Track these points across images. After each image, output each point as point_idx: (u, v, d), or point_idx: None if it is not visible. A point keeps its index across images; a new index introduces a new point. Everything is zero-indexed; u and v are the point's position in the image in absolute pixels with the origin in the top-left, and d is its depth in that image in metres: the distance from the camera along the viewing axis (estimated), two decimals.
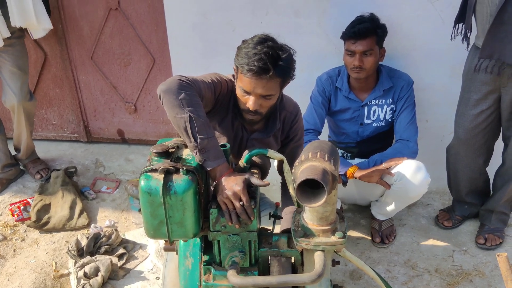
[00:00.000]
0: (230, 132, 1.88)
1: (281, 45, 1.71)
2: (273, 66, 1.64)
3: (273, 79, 1.67)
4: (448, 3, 2.47)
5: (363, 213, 2.86)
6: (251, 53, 1.65)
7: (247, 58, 1.65)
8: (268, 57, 1.63)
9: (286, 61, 1.68)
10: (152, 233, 1.52)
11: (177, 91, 1.56)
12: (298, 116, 2.00)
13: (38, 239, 2.78)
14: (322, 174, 1.25)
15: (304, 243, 1.48)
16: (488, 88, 2.28)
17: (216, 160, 1.57)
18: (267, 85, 1.67)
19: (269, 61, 1.63)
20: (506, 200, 2.57)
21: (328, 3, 2.62)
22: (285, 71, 1.70)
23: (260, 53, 1.63)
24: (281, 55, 1.67)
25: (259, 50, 1.64)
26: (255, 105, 1.71)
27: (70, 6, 3.16)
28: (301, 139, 2.04)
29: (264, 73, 1.64)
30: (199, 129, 1.54)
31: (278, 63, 1.65)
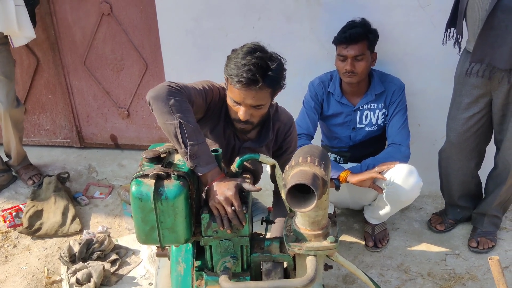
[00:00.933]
0: (222, 140, 1.88)
1: (270, 55, 1.70)
2: (262, 77, 1.63)
3: (263, 89, 1.66)
4: (439, 8, 2.49)
5: (356, 217, 2.87)
6: (240, 63, 1.64)
7: (236, 69, 1.64)
8: (257, 68, 1.62)
9: (275, 71, 1.67)
10: (143, 239, 1.52)
11: (166, 97, 1.56)
12: (292, 128, 2.00)
13: (30, 246, 2.77)
14: (312, 179, 1.25)
15: (296, 248, 1.47)
16: (479, 91, 2.30)
17: (208, 165, 1.57)
18: (256, 95, 1.67)
19: (257, 72, 1.62)
20: (498, 203, 2.58)
21: (320, 8, 2.64)
22: (275, 81, 1.69)
23: (249, 64, 1.62)
24: (270, 65, 1.66)
25: (248, 61, 1.63)
26: (245, 115, 1.71)
27: (62, 12, 3.16)
28: (294, 151, 2.01)
29: (253, 84, 1.63)
30: (189, 135, 1.54)
31: (267, 73, 1.65)
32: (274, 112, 1.94)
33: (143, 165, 1.54)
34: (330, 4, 2.61)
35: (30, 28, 2.84)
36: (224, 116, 1.86)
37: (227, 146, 1.90)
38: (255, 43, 1.72)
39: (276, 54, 1.73)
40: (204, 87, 1.77)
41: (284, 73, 1.75)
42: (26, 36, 2.85)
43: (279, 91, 1.78)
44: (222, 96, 1.84)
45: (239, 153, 1.92)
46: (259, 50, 1.68)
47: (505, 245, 2.64)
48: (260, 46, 1.71)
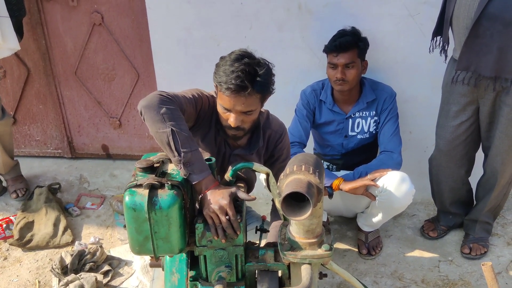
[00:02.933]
0: (213, 147, 1.89)
1: (258, 61, 1.71)
2: (250, 83, 1.65)
3: (252, 95, 1.68)
4: (428, 17, 2.52)
5: (350, 225, 2.87)
6: (228, 70, 1.66)
7: (225, 76, 1.66)
8: (245, 74, 1.64)
9: (263, 76, 1.68)
10: (137, 249, 1.51)
11: (158, 106, 1.56)
12: (284, 136, 2.01)
13: (21, 258, 2.73)
14: (307, 187, 1.25)
15: (291, 256, 1.47)
16: (467, 99, 2.33)
17: (201, 173, 1.57)
18: (246, 101, 1.69)
19: (246, 78, 1.64)
20: (489, 209, 2.60)
21: (311, 17, 2.66)
22: (264, 87, 1.71)
23: (237, 71, 1.64)
24: (259, 71, 1.67)
25: (236, 67, 1.65)
26: (236, 121, 1.72)
27: (53, 22, 3.15)
28: (287, 159, 2.03)
29: (242, 90, 1.65)
30: (182, 143, 1.54)
31: (255, 79, 1.66)
32: (265, 120, 1.95)
33: (136, 175, 1.53)
34: (321, 13, 2.64)
35: (15, 40, 2.78)
36: (214, 123, 1.87)
37: (218, 153, 1.91)
38: (243, 50, 1.74)
39: (264, 59, 1.74)
40: (194, 96, 1.78)
41: (273, 78, 1.76)
42: (10, 47, 2.80)
43: (268, 96, 1.79)
44: (212, 104, 1.85)
45: (230, 161, 1.93)
46: (246, 56, 1.70)
47: (497, 251, 2.65)
48: (247, 52, 1.73)
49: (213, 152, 1.89)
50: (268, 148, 1.99)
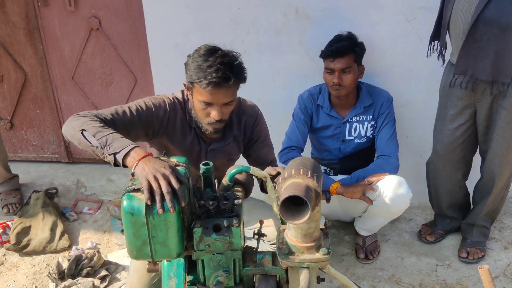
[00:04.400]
0: (184, 148, 1.90)
1: (228, 51, 1.75)
2: (232, 74, 1.69)
3: (232, 85, 1.72)
4: (424, 22, 2.54)
5: (347, 229, 2.87)
6: (204, 66, 1.68)
7: (202, 72, 1.68)
8: (224, 66, 1.67)
9: (239, 65, 1.73)
10: (135, 254, 1.50)
11: (70, 123, 1.61)
12: (259, 118, 2.04)
13: (18, 263, 2.72)
14: (305, 190, 1.25)
15: (289, 260, 1.47)
16: (464, 103, 2.34)
17: (124, 148, 1.47)
18: (228, 92, 1.73)
19: (228, 70, 1.67)
20: (486, 213, 2.61)
21: (308, 22, 2.67)
22: (241, 75, 1.75)
23: (215, 64, 1.67)
24: (234, 61, 1.71)
25: (213, 61, 1.67)
26: (219, 114, 1.75)
27: (50, 26, 3.15)
28: (266, 139, 2.08)
29: (225, 82, 1.68)
30: (94, 133, 1.53)
31: (234, 69, 1.70)
32: (237, 107, 1.97)
33: (134, 180, 1.53)
34: (318, 17, 2.65)
35: None
36: (180, 124, 1.88)
37: (190, 153, 1.92)
38: (208, 45, 1.76)
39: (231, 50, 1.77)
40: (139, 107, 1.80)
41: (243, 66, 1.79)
42: None
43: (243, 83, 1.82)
44: (173, 106, 1.87)
45: (208, 156, 1.95)
46: (217, 49, 1.73)
47: (495, 255, 2.66)
48: (215, 46, 1.76)
49: (186, 152, 1.90)
50: (246, 133, 2.02)
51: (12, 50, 3.25)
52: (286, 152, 2.56)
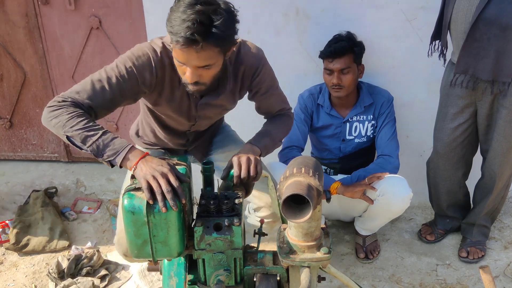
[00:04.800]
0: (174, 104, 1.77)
1: (215, 7, 1.46)
2: (203, 36, 1.44)
3: (207, 49, 1.48)
4: (425, 22, 2.54)
5: (347, 229, 2.87)
6: (179, 19, 1.44)
7: (176, 25, 1.44)
8: (196, 25, 1.42)
9: (220, 27, 1.45)
10: (136, 253, 1.50)
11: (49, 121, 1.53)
12: (261, 68, 1.81)
13: (17, 262, 2.71)
14: (307, 189, 1.25)
15: (290, 259, 1.47)
16: (464, 102, 2.34)
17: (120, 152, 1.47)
18: (200, 56, 1.49)
19: (197, 31, 1.42)
20: (486, 213, 2.61)
21: (309, 22, 2.67)
22: (221, 38, 1.48)
23: (188, 20, 1.42)
24: (214, 21, 1.45)
25: (188, 16, 1.42)
26: (192, 76, 1.55)
27: (50, 26, 3.15)
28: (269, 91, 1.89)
29: (193, 44, 1.45)
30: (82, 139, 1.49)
31: (210, 30, 1.44)
32: (236, 55, 1.74)
33: (135, 179, 1.53)
34: (319, 17, 2.65)
35: None
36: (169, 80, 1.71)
37: (180, 107, 1.80)
38: None
39: (227, 3, 1.51)
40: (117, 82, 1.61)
41: (236, 27, 1.53)
42: None
43: (232, 47, 1.59)
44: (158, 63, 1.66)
45: (198, 110, 1.82)
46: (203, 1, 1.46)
47: (495, 255, 2.66)
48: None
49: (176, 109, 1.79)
50: (244, 84, 1.83)
51: (11, 49, 3.24)
52: (287, 152, 2.56)
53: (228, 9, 1.50)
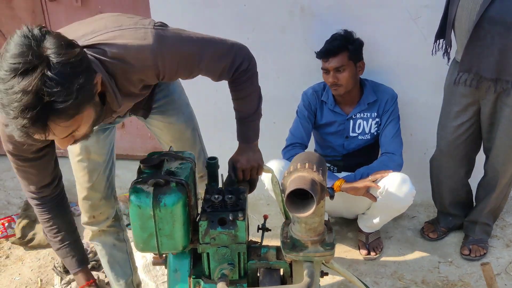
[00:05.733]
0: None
1: (40, 73, 1.05)
2: (42, 122, 1.09)
3: (57, 124, 1.12)
4: (429, 21, 2.55)
5: (350, 226, 2.89)
6: (1, 106, 1.08)
7: (2, 111, 1.09)
8: (29, 114, 1.05)
9: (62, 97, 1.08)
10: (141, 246, 1.53)
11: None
12: (159, 67, 1.37)
13: (23, 256, 2.74)
14: (311, 184, 1.27)
15: (293, 254, 1.49)
16: (468, 100, 2.35)
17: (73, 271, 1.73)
18: (52, 134, 1.15)
19: (32, 121, 1.07)
20: (489, 211, 2.62)
21: (314, 19, 2.68)
22: (70, 108, 1.11)
23: (11, 109, 1.06)
24: (48, 96, 1.06)
25: (9, 102, 1.05)
26: (64, 144, 1.26)
27: (57, 22, 3.17)
28: (194, 66, 1.50)
29: (35, 134, 1.13)
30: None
31: (48, 110, 1.07)
32: (120, 66, 1.33)
33: (141, 173, 1.55)
34: (324, 15, 2.66)
35: None
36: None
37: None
38: (26, 34, 1.09)
39: (58, 45, 1.10)
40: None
41: (81, 77, 1.12)
42: None
43: (91, 101, 1.19)
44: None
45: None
46: (20, 69, 1.05)
47: (497, 253, 2.67)
48: (29, 42, 1.08)
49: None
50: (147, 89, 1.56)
51: None
52: (290, 149, 2.57)
53: (59, 61, 1.08)
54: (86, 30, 1.34)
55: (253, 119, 1.73)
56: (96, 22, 1.39)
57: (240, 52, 1.59)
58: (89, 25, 1.38)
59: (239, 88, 1.65)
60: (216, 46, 1.53)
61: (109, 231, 2.06)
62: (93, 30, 1.33)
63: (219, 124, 2.89)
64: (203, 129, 2.89)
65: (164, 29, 1.40)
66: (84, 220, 2.01)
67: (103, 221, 2.00)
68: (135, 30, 1.33)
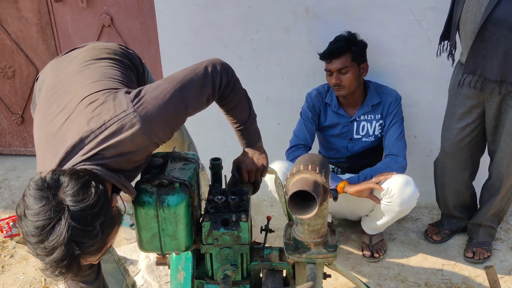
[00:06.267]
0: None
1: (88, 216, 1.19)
2: (70, 269, 1.23)
3: (88, 260, 1.28)
4: (433, 22, 2.54)
5: (354, 228, 2.88)
6: (37, 255, 1.25)
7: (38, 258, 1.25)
8: (59, 267, 1.21)
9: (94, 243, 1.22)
10: (145, 246, 1.53)
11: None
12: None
13: (27, 256, 2.76)
14: (313, 186, 1.27)
15: (296, 256, 1.49)
16: (473, 102, 2.35)
17: None
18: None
19: (65, 270, 1.23)
20: (493, 213, 2.61)
21: (318, 21, 2.69)
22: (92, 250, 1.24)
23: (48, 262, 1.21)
24: (86, 244, 1.20)
25: (42, 256, 1.21)
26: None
27: (63, 23, 3.19)
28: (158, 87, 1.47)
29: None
30: None
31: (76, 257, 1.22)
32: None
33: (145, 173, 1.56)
34: (328, 16, 2.66)
35: None
36: None
37: None
38: (40, 187, 1.20)
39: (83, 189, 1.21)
40: None
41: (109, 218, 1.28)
42: None
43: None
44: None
45: None
46: (42, 222, 1.18)
47: (500, 256, 2.66)
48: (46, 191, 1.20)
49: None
50: None
51: (24, 46, 3.29)
52: (294, 150, 2.58)
53: (81, 208, 1.19)
54: (71, 135, 1.35)
55: (250, 123, 1.71)
56: (78, 120, 1.37)
57: (215, 71, 1.54)
58: (73, 123, 1.37)
59: (227, 101, 1.64)
60: (193, 83, 1.49)
61: None
62: (81, 137, 1.33)
63: (223, 125, 2.89)
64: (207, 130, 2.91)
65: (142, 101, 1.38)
66: None
67: None
68: (119, 122, 1.34)
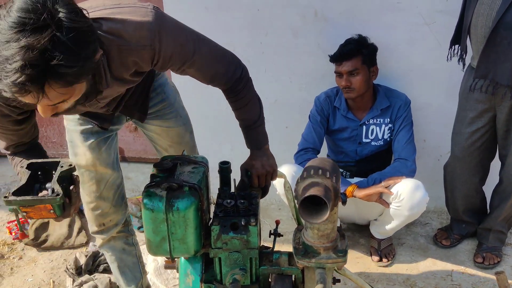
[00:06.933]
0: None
1: (50, 33, 1.00)
2: (38, 84, 1.03)
3: (51, 90, 1.07)
4: (443, 26, 2.53)
5: (362, 232, 2.87)
6: (1, 56, 1.01)
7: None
8: (27, 71, 1.00)
9: (64, 62, 1.03)
10: (154, 250, 1.53)
11: None
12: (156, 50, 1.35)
13: (36, 258, 2.77)
14: (324, 190, 1.27)
15: (305, 260, 1.48)
16: (483, 106, 2.33)
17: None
18: (45, 99, 1.09)
19: (29, 78, 1.01)
20: (503, 218, 2.59)
21: (326, 24, 2.68)
22: (70, 76, 1.06)
23: (12, 61, 1.00)
24: (52, 58, 1.01)
25: (12, 55, 0.99)
26: (47, 112, 1.18)
27: None
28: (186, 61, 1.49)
29: (27, 94, 1.05)
30: None
31: (48, 72, 1.03)
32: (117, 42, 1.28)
33: (154, 177, 1.56)
34: (337, 20, 2.66)
35: None
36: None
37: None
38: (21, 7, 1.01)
39: (72, 10, 1.06)
40: None
41: (90, 46, 1.10)
42: None
43: (88, 74, 1.14)
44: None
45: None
46: (30, 25, 1.00)
47: (511, 261, 2.63)
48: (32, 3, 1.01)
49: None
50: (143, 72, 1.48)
51: None
52: (302, 154, 2.57)
53: (72, 26, 1.04)
54: (83, 6, 1.22)
55: (259, 124, 1.73)
56: (93, 0, 1.34)
57: (233, 60, 1.59)
58: (85, 3, 1.33)
59: (238, 97, 1.65)
60: (211, 47, 1.53)
61: (118, 236, 2.06)
62: (89, 6, 1.28)
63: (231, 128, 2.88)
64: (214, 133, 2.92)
65: (165, 14, 1.38)
66: (93, 230, 1.98)
67: (113, 227, 1.99)
68: (134, 8, 1.29)
